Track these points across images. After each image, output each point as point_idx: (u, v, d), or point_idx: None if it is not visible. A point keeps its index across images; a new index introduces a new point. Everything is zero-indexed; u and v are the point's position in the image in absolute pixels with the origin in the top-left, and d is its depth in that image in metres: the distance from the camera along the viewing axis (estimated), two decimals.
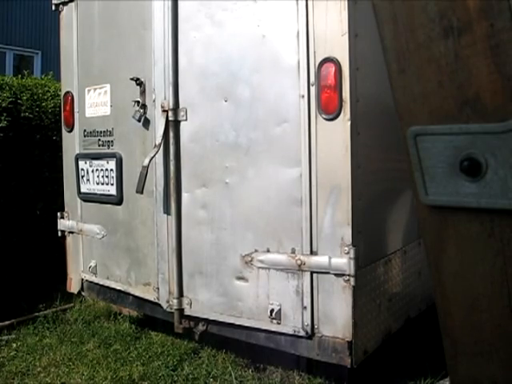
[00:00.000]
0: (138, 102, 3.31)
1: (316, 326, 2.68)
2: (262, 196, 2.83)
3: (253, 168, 2.86)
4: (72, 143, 3.87)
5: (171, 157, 3.12)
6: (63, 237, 4.00)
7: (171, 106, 3.12)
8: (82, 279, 3.87)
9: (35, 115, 4.77)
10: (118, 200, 3.53)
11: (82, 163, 3.78)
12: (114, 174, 3.55)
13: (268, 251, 2.82)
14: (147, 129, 3.30)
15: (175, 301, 3.16)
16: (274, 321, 2.78)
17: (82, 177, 3.78)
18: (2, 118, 4.41)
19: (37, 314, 4.13)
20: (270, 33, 2.77)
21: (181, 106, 3.13)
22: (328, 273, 2.62)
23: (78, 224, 3.85)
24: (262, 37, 2.79)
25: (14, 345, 3.63)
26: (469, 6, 0.92)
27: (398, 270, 3.09)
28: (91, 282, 3.81)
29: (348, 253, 2.55)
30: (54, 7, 3.95)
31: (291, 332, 2.74)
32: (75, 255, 3.91)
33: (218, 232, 3.00)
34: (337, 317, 2.62)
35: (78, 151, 3.82)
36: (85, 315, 4.19)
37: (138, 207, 3.41)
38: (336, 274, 2.59)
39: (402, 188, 3.10)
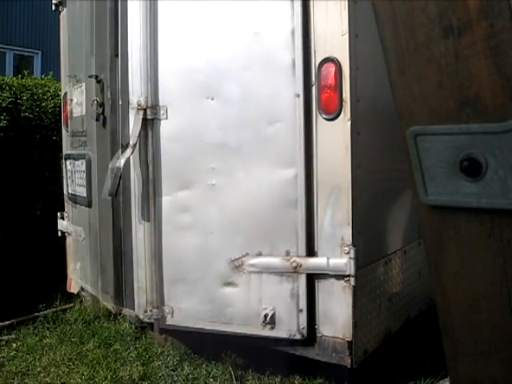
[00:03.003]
0: (97, 100, 3.18)
1: (316, 326, 2.68)
2: (252, 198, 2.75)
3: (243, 169, 2.77)
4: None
5: (149, 158, 2.92)
6: (63, 237, 4.00)
7: (149, 103, 2.91)
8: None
9: (35, 115, 4.77)
10: (87, 202, 3.50)
11: (68, 164, 3.77)
12: (84, 176, 3.50)
13: (260, 255, 2.74)
14: (117, 128, 3.17)
15: (155, 310, 2.99)
16: (268, 326, 2.71)
17: (69, 178, 3.77)
18: (2, 117, 4.41)
19: (37, 313, 4.12)
20: (263, 30, 2.69)
21: (160, 104, 2.93)
22: (328, 273, 2.62)
23: (70, 225, 3.86)
24: (254, 34, 2.71)
25: (14, 345, 3.63)
26: (469, 6, 0.92)
27: (398, 270, 3.09)
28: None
29: (348, 253, 2.55)
30: (54, 7, 3.96)
31: (286, 336, 2.69)
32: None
33: (204, 236, 2.86)
34: (337, 317, 2.62)
35: (66, 151, 3.82)
36: (85, 315, 4.18)
37: (107, 211, 3.31)
38: (336, 274, 2.59)
39: (402, 188, 3.10)
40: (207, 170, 2.82)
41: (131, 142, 2.84)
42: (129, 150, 2.83)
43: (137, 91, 2.94)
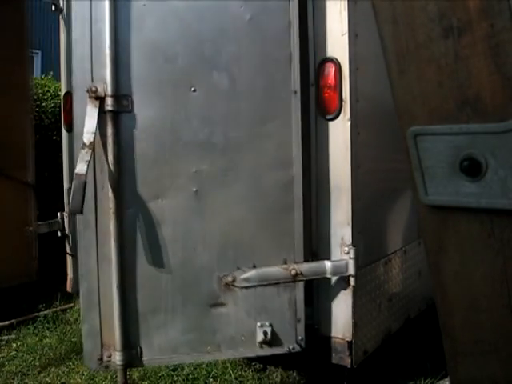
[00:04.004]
0: None
1: (316, 327, 2.68)
2: (244, 204, 2.47)
3: (233, 172, 2.45)
4: (72, 143, 3.87)
5: (110, 160, 2.32)
6: (63, 237, 4.00)
7: (109, 91, 2.29)
8: None
9: (35, 115, 4.77)
10: None
11: None
12: None
13: (254, 267, 2.48)
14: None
15: (118, 354, 2.35)
16: (265, 344, 2.48)
17: None
18: None
19: (37, 314, 4.13)
20: (257, 18, 2.46)
21: (122, 93, 2.34)
22: (328, 273, 2.61)
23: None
24: (247, 20, 2.45)
25: (14, 345, 3.63)
26: (469, 6, 0.92)
27: (397, 270, 3.09)
28: None
29: (348, 253, 2.55)
30: (53, 7, 3.95)
31: (285, 351, 2.52)
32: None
33: (184, 254, 2.43)
34: (337, 317, 2.62)
35: None
36: None
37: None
38: (336, 275, 2.59)
39: (401, 188, 3.10)
40: (187, 174, 2.41)
41: (86, 141, 2.24)
42: (85, 152, 2.23)
43: (83, 75, 2.33)
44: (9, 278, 4.10)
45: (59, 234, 3.99)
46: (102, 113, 2.28)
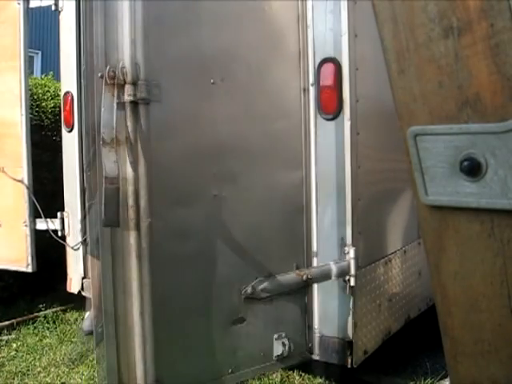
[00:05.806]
0: None
1: (316, 327, 2.68)
2: (263, 208, 2.34)
3: (249, 173, 2.29)
4: (72, 143, 3.86)
5: (132, 162, 1.94)
6: (63, 237, 4.00)
7: (131, 76, 1.88)
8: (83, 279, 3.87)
9: (35, 115, 4.77)
10: None
11: None
12: None
13: (270, 275, 2.33)
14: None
15: None
16: (281, 357, 2.39)
17: None
18: None
19: (37, 313, 4.13)
20: (271, 8, 2.37)
21: (150, 79, 1.94)
22: (333, 275, 2.60)
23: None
24: (263, 10, 2.31)
25: (14, 345, 3.63)
26: (469, 6, 0.92)
27: (397, 270, 3.09)
28: None
29: (348, 253, 2.55)
30: (53, 7, 3.95)
31: (298, 361, 2.48)
32: (75, 255, 3.90)
33: (206, 267, 2.19)
34: (337, 317, 2.62)
35: None
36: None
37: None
38: (340, 277, 2.58)
39: (401, 188, 3.10)
40: (208, 176, 2.16)
41: (106, 137, 1.82)
42: (108, 150, 1.82)
43: (104, 57, 1.87)
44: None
45: (59, 233, 3.99)
46: (119, 103, 1.89)
